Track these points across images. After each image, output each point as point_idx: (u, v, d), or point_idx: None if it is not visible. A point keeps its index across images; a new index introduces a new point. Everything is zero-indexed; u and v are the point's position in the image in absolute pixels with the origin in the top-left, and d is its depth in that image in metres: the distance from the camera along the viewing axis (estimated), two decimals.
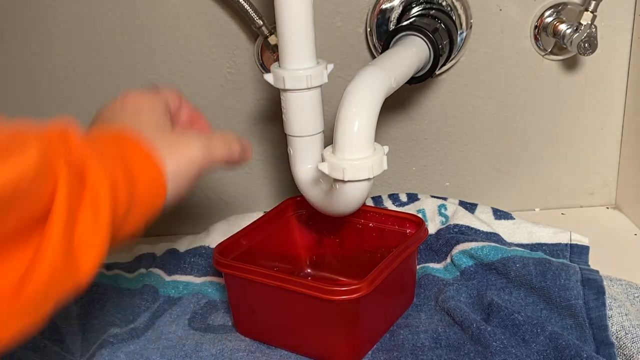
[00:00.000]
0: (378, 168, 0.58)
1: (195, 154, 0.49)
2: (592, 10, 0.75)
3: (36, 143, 0.35)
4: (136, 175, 0.43)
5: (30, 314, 0.36)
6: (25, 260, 0.35)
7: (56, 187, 0.36)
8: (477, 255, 0.70)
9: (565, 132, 0.86)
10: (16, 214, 0.34)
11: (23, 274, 0.35)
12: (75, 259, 0.37)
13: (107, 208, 0.39)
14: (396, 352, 0.61)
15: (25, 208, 0.34)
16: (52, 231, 0.36)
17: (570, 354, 0.56)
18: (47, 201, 0.36)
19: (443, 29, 0.72)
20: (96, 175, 0.39)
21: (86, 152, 0.39)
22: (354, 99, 0.57)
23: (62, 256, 0.36)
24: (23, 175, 0.34)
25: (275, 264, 0.71)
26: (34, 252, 0.35)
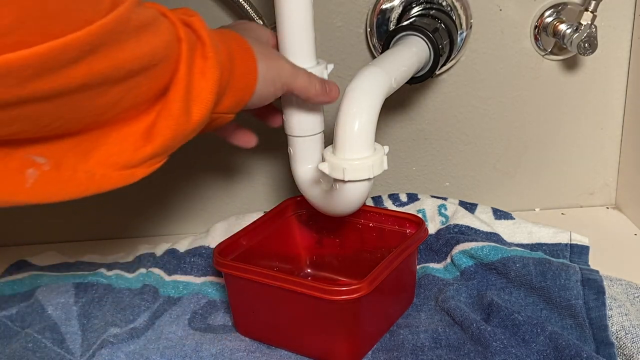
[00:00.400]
0: (378, 168, 0.58)
1: (284, 68, 0.58)
2: (592, 10, 0.75)
3: (165, 18, 0.45)
4: (236, 62, 0.52)
5: (162, 144, 0.46)
6: (150, 119, 0.45)
7: (180, 56, 0.46)
8: (477, 255, 0.70)
9: (565, 132, 0.86)
10: (157, 73, 0.44)
11: (147, 130, 0.45)
12: (190, 113, 0.47)
13: (214, 76, 0.48)
14: (396, 352, 0.61)
15: (163, 68, 0.44)
16: (177, 92, 0.46)
17: (570, 354, 0.56)
18: (173, 67, 0.45)
19: (443, 29, 0.72)
20: (209, 48, 0.48)
21: (203, 30, 0.48)
22: (355, 99, 0.57)
23: (182, 111, 0.46)
24: (159, 45, 0.43)
25: (275, 264, 0.71)
26: (158, 111, 0.45)
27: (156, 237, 0.88)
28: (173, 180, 0.88)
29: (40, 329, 0.66)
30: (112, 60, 0.39)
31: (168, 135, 0.46)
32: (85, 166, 0.43)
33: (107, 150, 0.44)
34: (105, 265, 0.77)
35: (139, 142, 0.45)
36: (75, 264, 0.79)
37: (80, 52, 0.37)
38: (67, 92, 0.38)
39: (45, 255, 0.81)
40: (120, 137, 0.44)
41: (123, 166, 0.45)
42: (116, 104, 0.42)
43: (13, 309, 0.70)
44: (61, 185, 0.42)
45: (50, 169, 0.41)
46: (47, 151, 0.41)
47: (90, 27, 0.37)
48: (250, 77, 0.54)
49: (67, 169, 0.42)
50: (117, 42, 0.39)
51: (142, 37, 0.41)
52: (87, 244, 0.89)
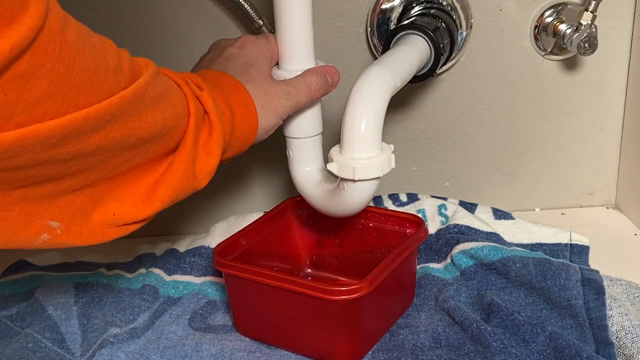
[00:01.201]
0: (387, 167, 0.58)
1: (282, 108, 0.60)
2: (592, 10, 0.75)
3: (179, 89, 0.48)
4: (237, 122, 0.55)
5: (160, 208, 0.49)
6: (160, 171, 0.48)
7: (188, 128, 0.49)
8: (477, 255, 0.70)
9: (565, 132, 0.86)
10: (165, 140, 0.46)
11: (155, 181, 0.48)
12: (191, 181, 0.51)
13: (219, 136, 0.51)
14: (396, 352, 0.61)
15: (171, 137, 0.47)
16: (184, 151, 0.49)
17: (570, 354, 0.56)
18: (183, 132, 0.48)
19: (444, 28, 0.72)
20: (212, 111, 0.51)
21: (210, 107, 0.51)
22: (361, 99, 0.57)
23: (185, 179, 0.49)
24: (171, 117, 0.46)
25: (275, 264, 0.71)
26: (167, 166, 0.48)
27: (156, 237, 0.88)
28: None
29: (40, 329, 0.66)
30: (128, 129, 0.42)
31: (167, 201, 0.49)
32: (89, 226, 0.45)
33: (109, 210, 0.46)
34: (105, 265, 0.77)
35: (138, 204, 0.48)
36: (75, 264, 0.79)
37: (101, 122, 0.39)
38: (82, 156, 0.40)
39: (45, 255, 0.81)
40: (121, 198, 0.47)
41: (121, 224, 0.47)
42: (123, 164, 0.45)
43: (13, 309, 0.70)
44: (65, 242, 0.44)
45: (62, 232, 0.44)
46: (61, 215, 0.43)
47: (111, 99, 0.39)
48: (251, 133, 0.58)
49: (75, 231, 0.45)
50: (135, 112, 0.42)
51: (157, 107, 0.44)
52: None
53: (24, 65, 0.34)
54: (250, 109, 0.57)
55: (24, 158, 0.37)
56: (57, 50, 0.35)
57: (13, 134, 0.35)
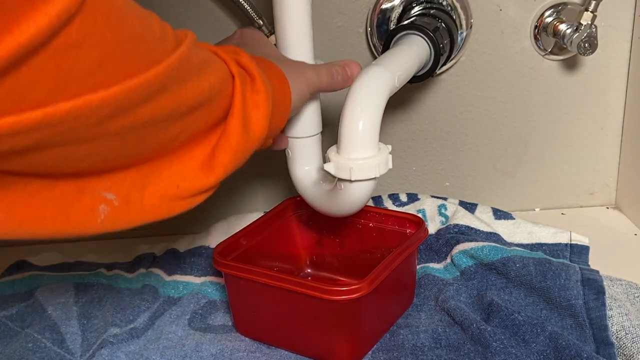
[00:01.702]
0: (384, 167, 0.58)
1: (310, 79, 0.60)
2: (592, 10, 0.75)
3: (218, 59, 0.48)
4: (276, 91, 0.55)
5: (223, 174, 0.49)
6: (214, 140, 0.48)
7: (234, 91, 0.49)
8: (477, 255, 0.70)
9: (565, 132, 0.86)
10: (213, 107, 0.46)
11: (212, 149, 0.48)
12: (247, 142, 0.50)
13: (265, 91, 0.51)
14: (396, 352, 0.61)
15: (219, 103, 0.47)
16: (235, 113, 0.49)
17: (570, 354, 0.56)
18: (230, 96, 0.48)
19: (444, 28, 0.72)
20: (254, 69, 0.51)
21: (253, 68, 0.51)
22: (359, 99, 0.57)
23: (242, 141, 0.49)
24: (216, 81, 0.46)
25: (275, 264, 0.71)
26: (221, 133, 0.48)
27: (156, 237, 0.88)
28: None
29: (40, 329, 0.66)
30: (177, 97, 0.41)
31: (229, 165, 0.49)
32: (151, 199, 0.45)
33: (169, 183, 0.46)
34: (105, 265, 0.77)
35: (199, 174, 0.48)
36: (75, 264, 0.79)
37: (152, 91, 0.39)
38: (135, 129, 0.40)
39: (45, 255, 0.81)
40: (180, 170, 0.47)
41: (186, 196, 0.47)
42: (176, 137, 0.45)
43: (13, 309, 0.70)
44: (130, 217, 0.44)
45: (119, 204, 0.43)
46: (114, 188, 0.43)
47: (159, 67, 0.39)
48: (287, 102, 0.57)
49: (135, 203, 0.44)
50: (182, 79, 0.41)
51: (202, 74, 0.44)
52: (87, 244, 0.89)
53: (74, 34, 0.33)
54: (280, 76, 0.57)
55: (79, 132, 0.36)
56: (105, 17, 0.34)
57: (66, 105, 0.34)
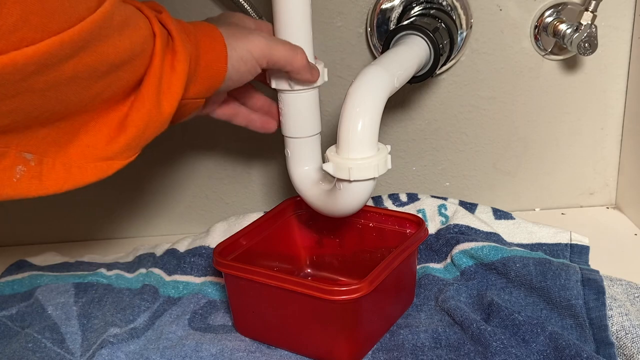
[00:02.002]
0: (383, 167, 0.58)
1: (257, 43, 0.58)
2: (592, 10, 0.75)
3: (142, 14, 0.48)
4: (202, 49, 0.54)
5: (133, 135, 0.48)
6: (124, 110, 0.47)
7: (154, 51, 0.48)
8: (477, 255, 0.70)
9: (565, 132, 0.86)
10: (135, 66, 0.46)
11: (121, 121, 0.47)
12: (161, 105, 0.49)
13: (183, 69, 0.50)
14: (396, 352, 0.61)
15: (140, 62, 0.46)
16: (149, 85, 0.48)
17: (570, 354, 0.56)
18: (148, 61, 0.48)
19: (444, 29, 0.72)
20: (177, 42, 0.50)
21: (172, 25, 0.51)
22: (358, 99, 0.57)
23: (154, 103, 0.48)
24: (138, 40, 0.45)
25: (275, 264, 0.71)
26: (132, 103, 0.47)
27: (156, 237, 0.88)
28: (173, 181, 0.88)
29: (40, 329, 0.66)
30: (99, 54, 0.42)
31: (140, 125, 0.48)
32: (63, 159, 0.45)
33: (83, 142, 0.46)
34: (105, 265, 0.77)
35: (112, 133, 0.47)
36: (75, 264, 0.79)
37: (75, 48, 0.40)
38: (58, 85, 0.41)
39: (45, 255, 0.81)
40: (95, 129, 0.47)
41: (98, 158, 0.47)
42: (97, 95, 0.45)
43: (13, 309, 0.70)
44: (42, 179, 0.44)
45: (35, 164, 0.44)
46: (34, 146, 0.44)
47: (83, 24, 0.40)
48: (220, 63, 0.55)
49: (48, 163, 0.45)
50: (104, 36, 0.42)
51: (124, 32, 0.44)
52: (87, 244, 0.89)
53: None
54: (217, 39, 0.55)
55: (4, 88, 0.37)
56: None
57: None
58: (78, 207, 0.89)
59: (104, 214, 0.89)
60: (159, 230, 0.90)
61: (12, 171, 0.43)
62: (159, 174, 0.87)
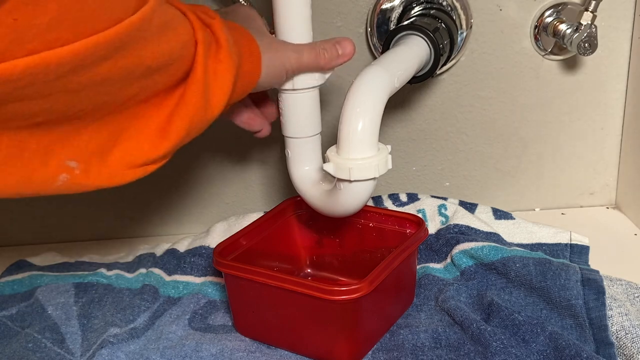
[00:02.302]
0: (384, 167, 0.58)
1: (288, 58, 0.59)
2: (592, 10, 0.75)
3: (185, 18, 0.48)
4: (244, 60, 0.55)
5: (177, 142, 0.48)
6: (171, 105, 0.48)
7: (197, 51, 0.48)
8: (477, 255, 0.70)
9: (565, 132, 0.86)
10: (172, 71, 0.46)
11: (169, 114, 0.47)
12: (205, 110, 0.50)
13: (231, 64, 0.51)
14: (396, 352, 0.61)
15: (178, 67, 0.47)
16: (195, 80, 0.48)
17: (570, 354, 0.56)
18: (190, 61, 0.48)
19: (444, 29, 0.72)
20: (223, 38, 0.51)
21: (222, 35, 0.51)
22: (358, 99, 0.57)
23: (199, 109, 0.49)
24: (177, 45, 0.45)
25: (275, 264, 0.71)
26: (179, 98, 0.48)
27: (156, 237, 0.88)
28: (173, 181, 0.88)
29: (40, 329, 0.66)
30: (135, 57, 0.41)
31: (182, 133, 0.48)
32: (106, 167, 0.45)
33: (125, 149, 0.46)
34: (105, 265, 0.77)
35: (155, 140, 0.47)
36: (75, 264, 0.79)
37: (110, 49, 0.39)
38: (92, 86, 0.40)
39: (45, 255, 0.81)
40: (137, 135, 0.47)
41: (139, 164, 0.47)
42: (133, 97, 0.44)
43: (13, 309, 0.70)
44: (85, 183, 0.44)
45: (80, 172, 0.44)
46: (78, 154, 0.43)
47: (120, 25, 0.39)
48: (254, 75, 0.56)
49: (93, 172, 0.45)
50: (142, 39, 0.41)
51: (163, 36, 0.44)
52: (87, 244, 0.89)
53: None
54: (252, 48, 0.56)
55: (37, 88, 0.37)
56: None
57: (25, 60, 0.35)
58: (78, 207, 0.89)
59: (104, 214, 0.89)
60: (159, 230, 0.90)
61: (55, 178, 0.43)
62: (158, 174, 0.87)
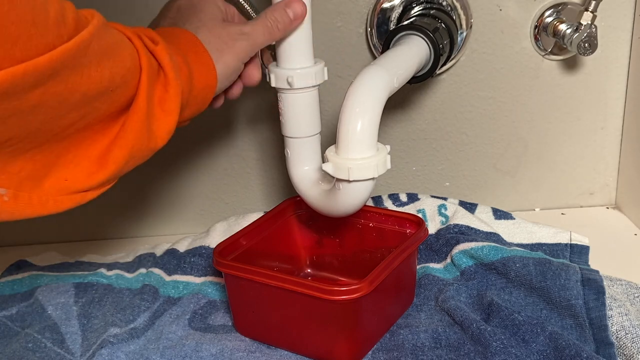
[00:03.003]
0: (382, 167, 0.58)
1: (241, 52, 0.58)
2: (592, 10, 0.75)
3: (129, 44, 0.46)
4: (195, 77, 0.53)
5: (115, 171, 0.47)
6: (113, 133, 0.46)
7: (141, 78, 0.46)
8: (477, 255, 0.70)
9: (565, 132, 0.86)
10: (115, 97, 0.44)
11: (110, 142, 0.46)
12: (153, 130, 0.48)
13: (177, 92, 0.49)
14: (396, 352, 0.61)
15: (120, 94, 0.45)
16: (137, 109, 0.46)
17: (570, 354, 0.56)
18: (134, 89, 0.46)
19: (444, 29, 0.72)
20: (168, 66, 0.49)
21: (166, 62, 0.49)
22: (357, 99, 0.57)
23: (140, 139, 0.47)
24: (119, 72, 0.44)
25: (275, 264, 0.71)
26: (120, 127, 0.46)
27: (156, 237, 0.88)
28: (173, 181, 0.88)
29: (40, 329, 0.66)
30: (70, 84, 0.40)
31: (121, 162, 0.47)
32: (39, 192, 0.44)
33: (60, 176, 0.45)
34: (105, 265, 0.77)
35: (92, 168, 0.46)
36: (75, 264, 0.79)
37: (41, 77, 0.37)
38: (21, 113, 0.38)
39: (45, 255, 0.81)
40: (74, 162, 0.45)
41: (75, 190, 0.46)
42: (70, 125, 0.43)
43: (13, 309, 0.70)
44: (14, 211, 0.43)
45: (9, 199, 0.42)
46: (8, 181, 0.42)
47: (52, 53, 0.37)
48: (210, 85, 0.56)
49: (23, 198, 0.43)
50: (79, 66, 0.40)
51: (103, 62, 0.42)
52: (87, 244, 0.89)
53: None
54: (209, 66, 0.55)
55: None
56: None
57: None
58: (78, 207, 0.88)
59: (104, 214, 0.89)
60: (159, 230, 0.90)
61: None
62: (159, 175, 0.87)
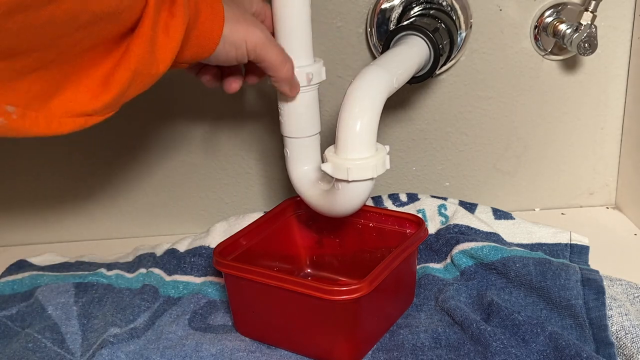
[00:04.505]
0: (381, 167, 0.58)
1: (255, 35, 0.57)
2: (592, 10, 0.75)
3: None
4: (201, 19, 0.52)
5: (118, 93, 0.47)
6: (118, 56, 0.46)
7: (146, 8, 0.46)
8: (477, 255, 0.70)
9: (565, 132, 0.86)
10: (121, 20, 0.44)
11: (114, 65, 0.46)
12: (155, 54, 0.48)
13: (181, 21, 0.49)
14: (396, 352, 0.61)
15: (126, 16, 0.45)
16: (142, 33, 0.46)
17: (570, 354, 0.57)
18: (140, 12, 0.46)
19: (443, 29, 0.72)
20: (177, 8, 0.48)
21: None
22: (357, 99, 0.57)
23: (142, 64, 0.47)
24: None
25: (275, 264, 0.71)
26: (121, 57, 0.46)
27: (156, 237, 0.88)
28: (173, 181, 0.88)
29: (40, 329, 0.66)
30: (81, 3, 0.40)
31: (125, 84, 0.47)
32: (46, 112, 0.44)
33: (66, 96, 0.45)
34: (105, 265, 0.77)
35: (96, 89, 0.46)
36: (75, 264, 0.79)
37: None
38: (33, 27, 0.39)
39: (45, 255, 0.81)
40: (79, 83, 0.46)
41: (80, 113, 0.46)
42: (77, 44, 0.43)
43: (13, 309, 0.70)
44: (21, 128, 0.43)
45: (17, 117, 0.43)
46: (17, 99, 0.43)
47: None
48: (212, 38, 0.54)
49: (31, 117, 0.44)
50: None
51: None
52: (87, 244, 0.89)
53: None
54: (218, 13, 0.54)
55: None
56: None
57: None
58: (78, 207, 0.89)
59: (104, 214, 0.89)
60: (159, 230, 0.90)
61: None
62: (159, 174, 0.87)
